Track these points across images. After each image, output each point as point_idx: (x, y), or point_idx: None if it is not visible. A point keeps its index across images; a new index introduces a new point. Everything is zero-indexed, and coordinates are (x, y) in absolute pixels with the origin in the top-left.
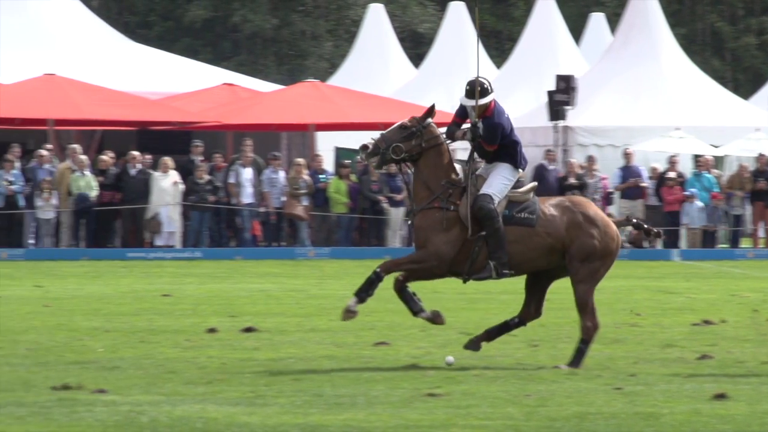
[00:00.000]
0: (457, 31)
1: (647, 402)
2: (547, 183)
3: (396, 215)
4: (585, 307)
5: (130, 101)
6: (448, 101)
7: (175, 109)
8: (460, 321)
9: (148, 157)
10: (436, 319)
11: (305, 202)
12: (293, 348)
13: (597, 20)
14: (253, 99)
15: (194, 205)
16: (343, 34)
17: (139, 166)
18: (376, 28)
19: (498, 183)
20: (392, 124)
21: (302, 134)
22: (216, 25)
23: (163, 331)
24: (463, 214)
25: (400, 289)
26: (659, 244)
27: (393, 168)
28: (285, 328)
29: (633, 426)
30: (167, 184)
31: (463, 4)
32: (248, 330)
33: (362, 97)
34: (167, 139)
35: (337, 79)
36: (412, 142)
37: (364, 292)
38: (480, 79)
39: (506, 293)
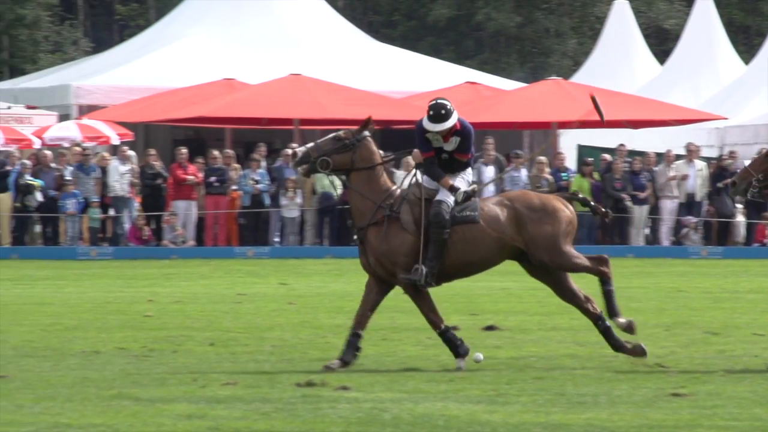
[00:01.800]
0: (704, 27)
1: None
2: None
3: (639, 213)
4: (581, 268)
5: (373, 100)
6: (695, 98)
7: (418, 108)
8: (705, 320)
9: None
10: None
11: None
12: (535, 346)
13: None
14: (495, 97)
15: None
16: (587, 31)
17: None
18: (621, 25)
19: (461, 186)
20: (637, 121)
21: (544, 132)
22: (459, 24)
23: (405, 329)
24: (405, 221)
25: (443, 333)
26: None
27: (637, 165)
28: (526, 326)
29: None
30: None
31: (710, 0)
32: (489, 328)
33: (606, 94)
34: (410, 138)
35: (581, 77)
36: (344, 155)
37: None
38: (441, 101)
39: (753, 292)
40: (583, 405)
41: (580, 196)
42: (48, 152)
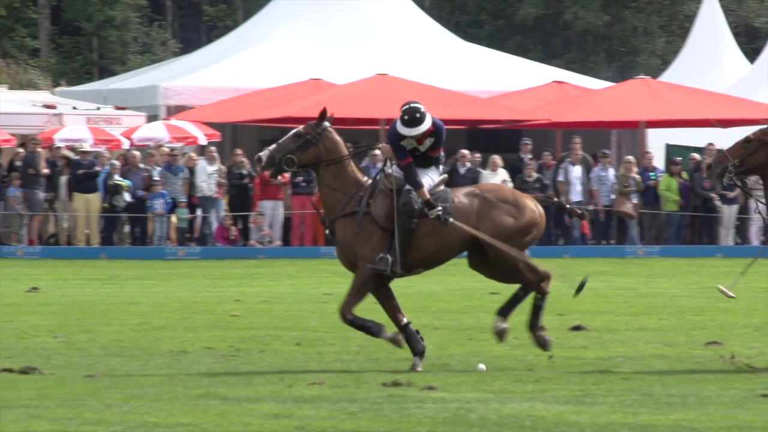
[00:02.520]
0: None
1: None
2: None
3: (729, 213)
4: (520, 263)
5: (460, 100)
6: None
7: (504, 108)
8: None
9: (478, 155)
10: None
11: (634, 200)
12: (622, 347)
13: None
14: (582, 96)
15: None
16: (676, 30)
17: (468, 164)
18: (710, 23)
19: (426, 181)
20: (726, 120)
21: (632, 132)
22: (547, 23)
23: (491, 329)
24: (376, 214)
25: (352, 321)
26: None
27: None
28: (614, 326)
29: None
30: (496, 182)
31: None
32: (576, 328)
33: (694, 93)
34: (496, 138)
35: (669, 76)
36: (309, 151)
37: (413, 344)
38: (415, 105)
39: None
40: (671, 406)
41: (555, 199)
42: (136, 153)
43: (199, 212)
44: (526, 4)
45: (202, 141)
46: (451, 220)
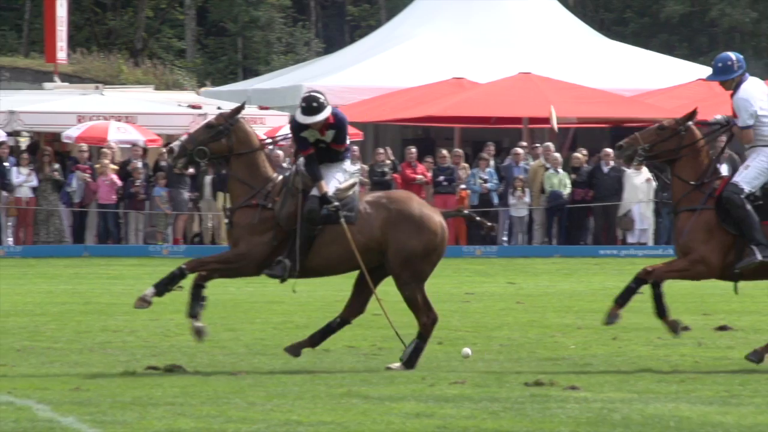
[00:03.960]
0: None
1: None
2: None
3: None
4: (416, 305)
5: (604, 98)
6: None
7: (649, 106)
8: None
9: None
10: (199, 333)
11: None
12: None
13: None
14: (729, 94)
15: (666, 202)
16: None
17: (612, 163)
18: None
19: (333, 183)
20: None
21: None
22: (693, 20)
23: (635, 328)
24: (278, 214)
25: (195, 286)
26: None
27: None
28: (760, 326)
29: None
30: (640, 181)
31: None
32: (722, 328)
33: None
34: None
35: None
36: (220, 141)
37: (163, 286)
38: (314, 94)
39: None
40: None
41: (465, 212)
42: (279, 152)
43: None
44: (671, 2)
45: None
46: (342, 221)
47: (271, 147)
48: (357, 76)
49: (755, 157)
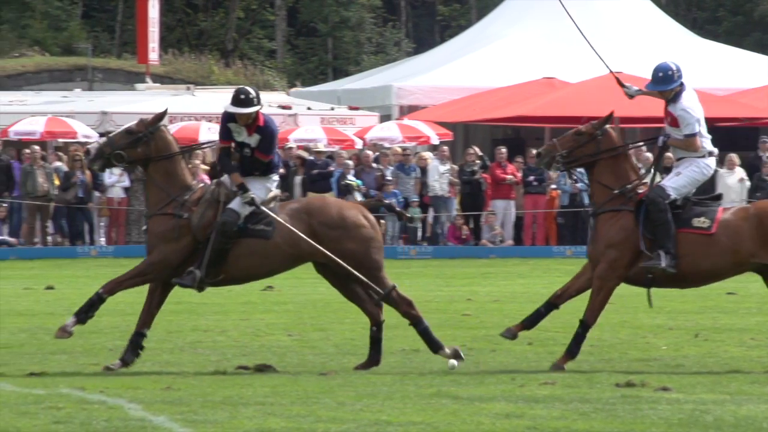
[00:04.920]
0: None
1: None
2: None
3: None
4: (381, 283)
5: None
6: None
7: (743, 105)
8: None
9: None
10: (63, 335)
11: None
12: None
13: None
14: None
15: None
16: None
17: None
18: None
19: (259, 194)
20: None
21: None
22: None
23: (727, 329)
24: (194, 224)
25: (100, 300)
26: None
27: None
28: None
29: None
30: (733, 181)
31: None
32: None
33: None
34: (734, 136)
35: None
36: (137, 149)
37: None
38: (246, 88)
39: None
40: None
41: (386, 201)
42: (369, 152)
43: (431, 212)
44: (765, 0)
45: (435, 140)
46: (275, 224)
47: (189, 155)
48: (447, 76)
49: (687, 166)
